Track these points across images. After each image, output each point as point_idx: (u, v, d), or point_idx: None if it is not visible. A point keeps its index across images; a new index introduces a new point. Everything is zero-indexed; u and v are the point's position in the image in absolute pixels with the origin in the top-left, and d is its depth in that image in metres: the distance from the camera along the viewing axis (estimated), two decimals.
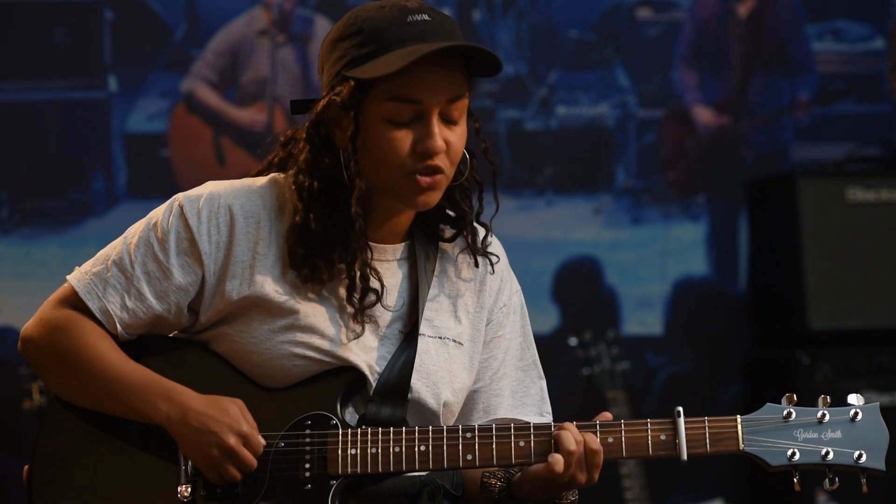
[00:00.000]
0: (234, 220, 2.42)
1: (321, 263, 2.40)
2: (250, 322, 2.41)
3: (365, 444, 2.36)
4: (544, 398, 2.59)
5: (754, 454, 2.36)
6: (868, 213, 4.98)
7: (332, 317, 2.42)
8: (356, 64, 2.36)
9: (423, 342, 2.46)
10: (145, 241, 2.43)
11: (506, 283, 2.59)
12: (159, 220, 2.43)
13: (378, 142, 2.37)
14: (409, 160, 2.37)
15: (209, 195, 2.44)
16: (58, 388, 2.45)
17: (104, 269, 2.43)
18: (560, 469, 2.32)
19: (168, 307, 2.42)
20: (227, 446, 2.33)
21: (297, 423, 2.38)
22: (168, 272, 2.41)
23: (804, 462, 2.36)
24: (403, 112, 2.36)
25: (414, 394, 2.43)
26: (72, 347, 2.41)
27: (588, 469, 2.35)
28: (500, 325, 2.57)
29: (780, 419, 2.36)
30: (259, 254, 2.42)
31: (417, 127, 2.37)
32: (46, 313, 2.44)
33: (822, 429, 2.36)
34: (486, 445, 2.36)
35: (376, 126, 2.37)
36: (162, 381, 2.39)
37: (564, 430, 2.35)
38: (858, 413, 2.37)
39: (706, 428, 2.36)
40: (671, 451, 2.36)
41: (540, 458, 2.35)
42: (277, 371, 2.40)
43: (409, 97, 2.35)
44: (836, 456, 2.35)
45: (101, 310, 2.42)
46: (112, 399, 2.40)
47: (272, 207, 2.44)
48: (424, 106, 2.36)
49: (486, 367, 2.55)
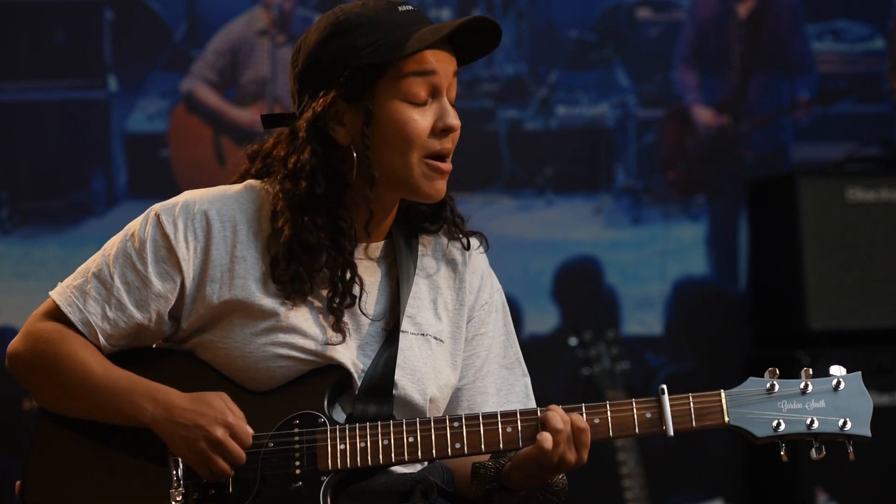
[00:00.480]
0: (210, 225, 2.44)
1: (304, 275, 2.42)
2: (232, 327, 2.43)
3: (354, 439, 2.37)
4: (529, 395, 2.61)
5: (740, 427, 2.38)
6: (868, 213, 4.98)
7: (314, 316, 2.43)
8: (366, 51, 2.38)
9: (406, 339, 2.47)
10: (123, 252, 2.45)
11: (486, 281, 2.60)
12: (136, 231, 2.45)
13: (397, 123, 2.39)
14: (429, 141, 2.40)
15: (185, 203, 2.46)
16: (45, 400, 2.48)
17: (84, 281, 2.45)
18: (549, 446, 2.34)
19: (149, 316, 2.44)
20: (215, 438, 2.34)
21: (285, 423, 2.40)
22: (147, 281, 2.43)
23: (790, 432, 2.37)
24: (420, 87, 2.39)
25: (399, 390, 2.44)
26: (56, 358, 2.43)
27: (577, 448, 2.37)
28: (481, 322, 2.58)
29: (763, 391, 2.38)
30: (237, 257, 2.44)
31: (433, 106, 2.40)
32: (31, 328, 2.47)
33: (806, 399, 2.38)
34: (474, 433, 2.37)
35: (392, 108, 2.39)
36: (146, 382, 2.41)
37: (551, 410, 2.38)
38: (841, 382, 2.39)
39: (691, 404, 2.39)
40: (657, 428, 2.39)
41: (528, 441, 2.37)
42: (263, 373, 2.42)
43: (427, 68, 2.38)
44: (821, 424, 2.36)
45: (83, 321, 2.44)
46: (98, 405, 2.42)
47: (249, 211, 2.46)
48: (440, 77, 2.39)
49: (469, 364, 2.57)
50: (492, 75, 5.26)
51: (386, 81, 2.39)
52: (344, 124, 2.41)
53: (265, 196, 2.47)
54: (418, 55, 2.38)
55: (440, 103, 2.41)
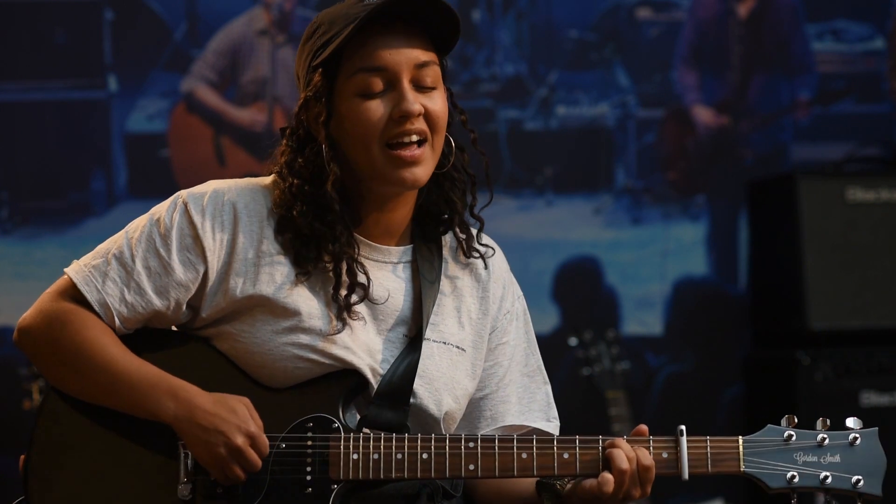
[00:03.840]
0: (237, 217, 2.42)
1: (309, 255, 2.40)
2: (254, 322, 2.41)
3: (367, 450, 2.35)
4: (550, 403, 2.59)
5: (754, 475, 2.40)
6: (868, 213, 4.98)
7: (336, 319, 2.42)
8: (319, 51, 2.40)
9: (428, 347, 2.46)
10: (147, 237, 2.42)
11: (508, 289, 2.59)
12: (162, 216, 2.43)
13: (352, 116, 2.39)
14: (387, 128, 2.38)
15: (214, 192, 2.44)
16: (56, 379, 2.44)
17: (104, 262, 2.42)
18: (610, 489, 2.33)
19: (167, 303, 2.42)
20: (235, 446, 2.33)
21: (298, 425, 2.38)
22: (169, 268, 2.41)
23: (803, 485, 2.39)
24: (373, 83, 2.38)
25: (416, 399, 2.43)
26: (73, 341, 2.40)
27: (642, 484, 2.37)
28: (504, 331, 2.57)
29: (780, 441, 2.39)
30: (263, 252, 2.42)
31: (390, 95, 2.39)
32: (45, 305, 2.43)
33: (822, 452, 2.39)
34: (489, 456, 2.36)
35: (349, 103, 2.39)
36: (168, 378, 2.38)
37: (616, 448, 2.36)
38: (857, 438, 2.39)
39: (708, 448, 2.39)
40: (672, 469, 2.40)
41: (587, 469, 2.35)
42: (279, 372, 2.40)
43: (372, 65, 2.38)
44: (834, 480, 2.37)
45: (100, 302, 2.41)
46: (116, 395, 2.39)
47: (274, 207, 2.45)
48: (391, 72, 2.38)
49: (491, 373, 2.55)
50: (492, 75, 5.26)
51: (341, 80, 2.40)
52: (318, 123, 2.43)
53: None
54: (363, 51, 2.38)
55: (397, 90, 2.39)
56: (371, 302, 2.45)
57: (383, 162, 2.39)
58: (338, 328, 2.40)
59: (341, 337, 2.41)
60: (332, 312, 2.41)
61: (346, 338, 2.41)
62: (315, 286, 2.43)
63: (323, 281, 2.43)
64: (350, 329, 2.42)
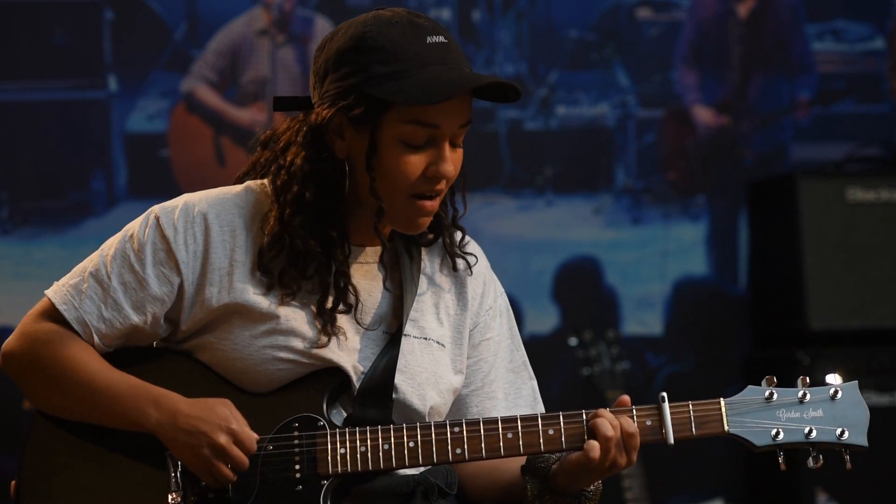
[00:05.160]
0: (209, 228, 2.44)
1: (294, 273, 2.41)
2: (231, 329, 2.42)
3: (354, 443, 2.37)
4: (536, 398, 2.61)
5: (739, 435, 2.41)
6: (868, 213, 4.98)
7: (312, 320, 2.43)
8: (378, 81, 2.35)
9: (408, 343, 2.47)
10: (122, 253, 2.44)
11: (489, 285, 2.60)
12: (136, 232, 2.45)
13: (391, 163, 2.38)
14: (418, 182, 2.39)
15: (184, 205, 2.46)
16: (41, 401, 2.46)
17: (80, 280, 2.45)
18: (596, 455, 2.33)
19: (144, 318, 2.44)
20: (218, 445, 2.34)
21: (284, 426, 2.39)
22: (144, 282, 2.43)
23: (788, 441, 2.39)
24: (420, 135, 2.37)
25: (398, 394, 2.44)
26: (55, 359, 2.42)
27: (627, 452, 2.36)
28: (487, 327, 2.58)
29: (762, 400, 2.41)
30: (237, 261, 2.43)
31: (430, 151, 2.38)
32: (27, 327, 2.46)
33: (804, 408, 2.40)
34: (475, 438, 2.37)
35: (391, 147, 2.38)
36: (149, 387, 2.40)
37: (599, 417, 2.36)
38: (838, 391, 2.40)
39: (691, 411, 2.42)
40: (658, 435, 2.40)
41: (572, 443, 2.36)
42: (262, 376, 2.41)
43: (430, 122, 2.36)
44: (819, 434, 2.38)
45: (78, 320, 2.43)
46: (99, 408, 2.41)
47: (247, 215, 2.46)
48: (442, 131, 2.38)
49: (476, 370, 2.57)
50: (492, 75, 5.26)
51: (391, 118, 2.36)
52: (344, 139, 2.41)
53: (264, 198, 2.47)
54: (426, 106, 2.35)
55: (437, 149, 2.38)
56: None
57: (405, 208, 2.41)
58: (336, 342, 2.42)
59: (321, 337, 2.42)
60: (318, 323, 2.42)
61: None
62: (299, 293, 2.44)
63: (310, 287, 2.44)
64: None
